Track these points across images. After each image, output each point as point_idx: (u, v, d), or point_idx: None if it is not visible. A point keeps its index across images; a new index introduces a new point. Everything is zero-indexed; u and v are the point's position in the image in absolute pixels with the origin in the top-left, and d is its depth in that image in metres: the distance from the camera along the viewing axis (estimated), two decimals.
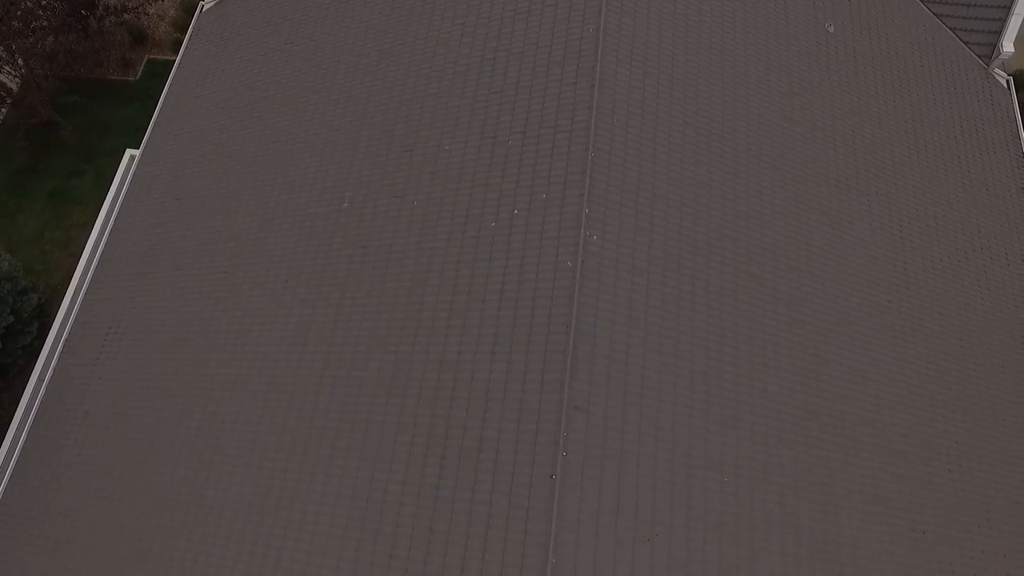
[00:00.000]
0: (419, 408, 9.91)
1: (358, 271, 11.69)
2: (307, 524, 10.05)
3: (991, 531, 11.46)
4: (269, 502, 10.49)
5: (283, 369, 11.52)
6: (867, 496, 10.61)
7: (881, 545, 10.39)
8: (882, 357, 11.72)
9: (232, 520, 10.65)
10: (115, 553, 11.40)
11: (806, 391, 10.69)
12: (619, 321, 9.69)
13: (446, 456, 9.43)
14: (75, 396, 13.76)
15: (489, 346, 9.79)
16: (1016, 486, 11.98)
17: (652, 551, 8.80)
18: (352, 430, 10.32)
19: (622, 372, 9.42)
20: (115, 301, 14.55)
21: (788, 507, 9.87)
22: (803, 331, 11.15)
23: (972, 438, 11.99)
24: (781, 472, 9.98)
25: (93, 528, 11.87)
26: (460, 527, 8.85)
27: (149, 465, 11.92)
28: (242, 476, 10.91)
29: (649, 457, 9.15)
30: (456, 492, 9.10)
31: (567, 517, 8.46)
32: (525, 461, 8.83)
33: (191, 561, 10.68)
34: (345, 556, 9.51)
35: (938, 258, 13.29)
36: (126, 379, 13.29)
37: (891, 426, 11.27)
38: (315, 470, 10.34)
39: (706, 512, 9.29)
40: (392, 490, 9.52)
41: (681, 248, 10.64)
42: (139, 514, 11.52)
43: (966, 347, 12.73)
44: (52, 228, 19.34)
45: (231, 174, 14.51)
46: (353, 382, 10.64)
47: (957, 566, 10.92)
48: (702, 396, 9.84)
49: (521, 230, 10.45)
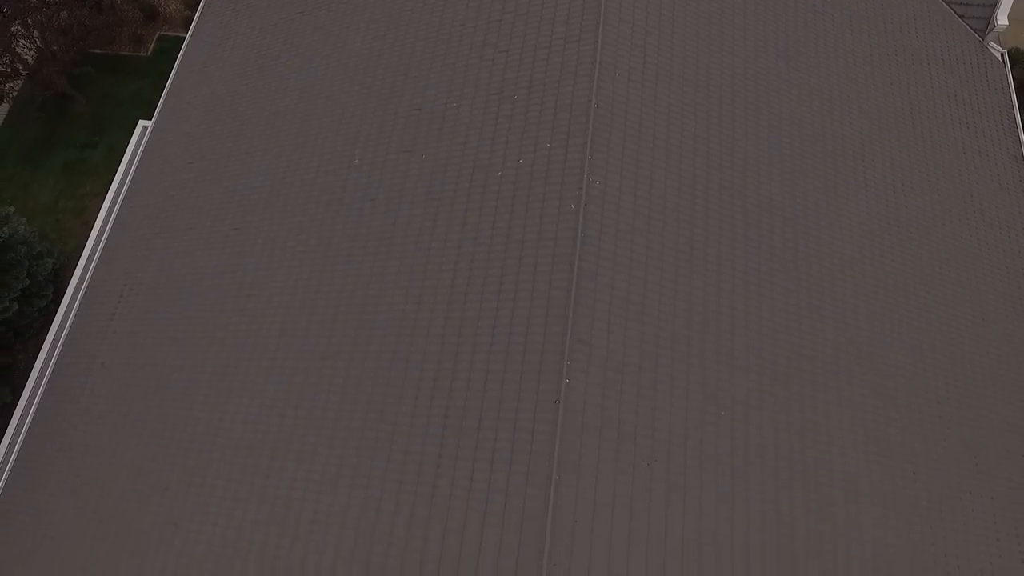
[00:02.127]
0: (428, 345, 10.31)
1: (368, 222, 12.09)
2: (319, 458, 10.45)
3: (979, 475, 11.84)
4: (281, 439, 10.89)
5: (295, 316, 11.92)
6: (858, 435, 11.00)
7: (872, 482, 10.77)
8: (874, 308, 12.10)
9: (246, 456, 11.05)
10: (133, 491, 11.79)
11: (800, 335, 11.07)
12: (621, 261, 10.09)
13: (454, 389, 9.83)
14: (91, 350, 14.16)
15: (496, 284, 10.19)
16: (1004, 434, 12.35)
17: (651, 476, 9.19)
18: (363, 369, 10.72)
19: (623, 309, 9.81)
20: (130, 261, 14.95)
21: (782, 441, 10.26)
22: (798, 280, 11.53)
23: (962, 388, 12.36)
24: (775, 408, 10.37)
25: (111, 469, 12.27)
26: (467, 451, 9.24)
27: (165, 409, 12.32)
28: (256, 415, 11.31)
29: (648, 389, 9.55)
30: (464, 422, 9.50)
31: (570, 440, 8.86)
32: (530, 389, 9.22)
33: (206, 495, 11.08)
34: (356, 484, 9.90)
35: (931, 218, 13.67)
36: (141, 332, 13.69)
37: (882, 372, 11.65)
38: (327, 407, 10.74)
39: (702, 443, 9.68)
40: (401, 422, 9.92)
41: (680, 196, 11.03)
42: (156, 453, 11.92)
43: (958, 303, 13.10)
44: (66, 197, 19.76)
45: (243, 137, 14.92)
46: (364, 324, 11.04)
47: (945, 505, 11.30)
48: (699, 335, 10.23)
49: (526, 177, 10.85)
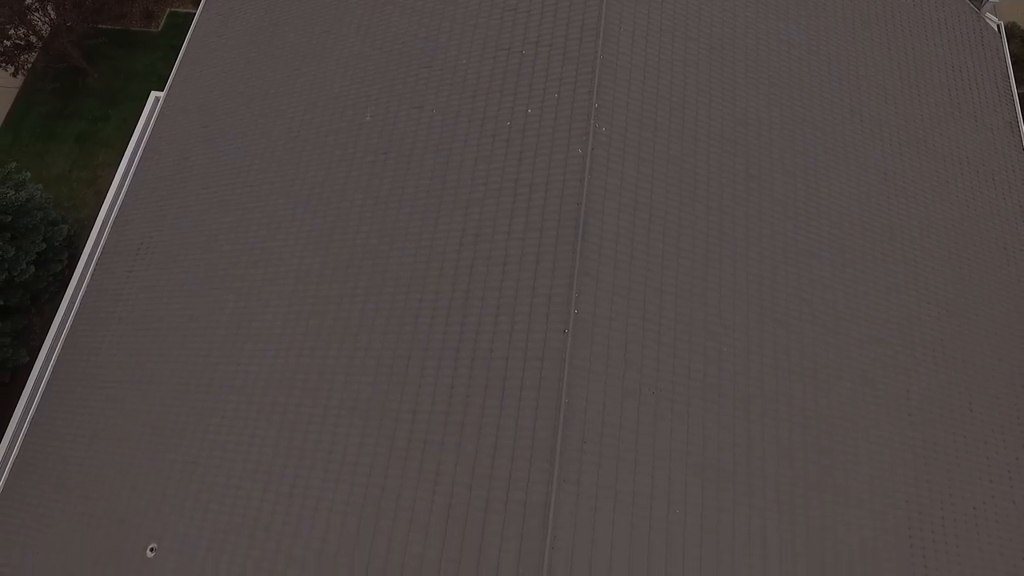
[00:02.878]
0: (440, 285, 10.68)
1: (380, 174, 12.46)
2: (334, 396, 10.83)
3: (973, 420, 12.20)
4: (298, 378, 11.27)
5: (309, 265, 12.29)
6: (856, 377, 11.37)
7: (869, 421, 11.14)
8: (870, 257, 12.47)
9: (262, 398, 11.43)
10: (152, 435, 12.16)
11: (798, 278, 11.44)
12: (625, 203, 10.46)
13: (466, 324, 10.20)
14: (109, 306, 14.53)
15: (505, 226, 10.56)
16: (996, 382, 12.70)
17: (656, 402, 9.56)
18: (377, 311, 11.09)
19: (628, 246, 10.19)
20: (145, 222, 15.31)
21: (781, 379, 10.63)
22: (796, 227, 11.90)
23: (955, 337, 12.72)
24: (775, 347, 10.74)
25: (129, 415, 12.63)
26: (479, 380, 9.62)
27: (182, 357, 12.69)
28: (272, 359, 11.68)
29: (653, 321, 9.92)
30: (475, 353, 9.87)
31: (579, 365, 9.23)
32: (539, 319, 9.59)
33: (224, 435, 11.45)
34: (371, 415, 10.27)
35: (927, 175, 14.03)
36: (158, 287, 14.06)
37: (877, 319, 12.01)
38: (341, 348, 11.11)
39: (705, 375, 10.06)
40: (415, 356, 10.29)
41: (683, 144, 11.40)
42: (174, 399, 12.29)
43: (952, 255, 13.47)
44: (79, 168, 20.14)
45: (256, 99, 15.29)
46: (378, 269, 11.41)
47: (940, 446, 11.66)
48: (701, 275, 10.60)
49: (535, 125, 11.22)
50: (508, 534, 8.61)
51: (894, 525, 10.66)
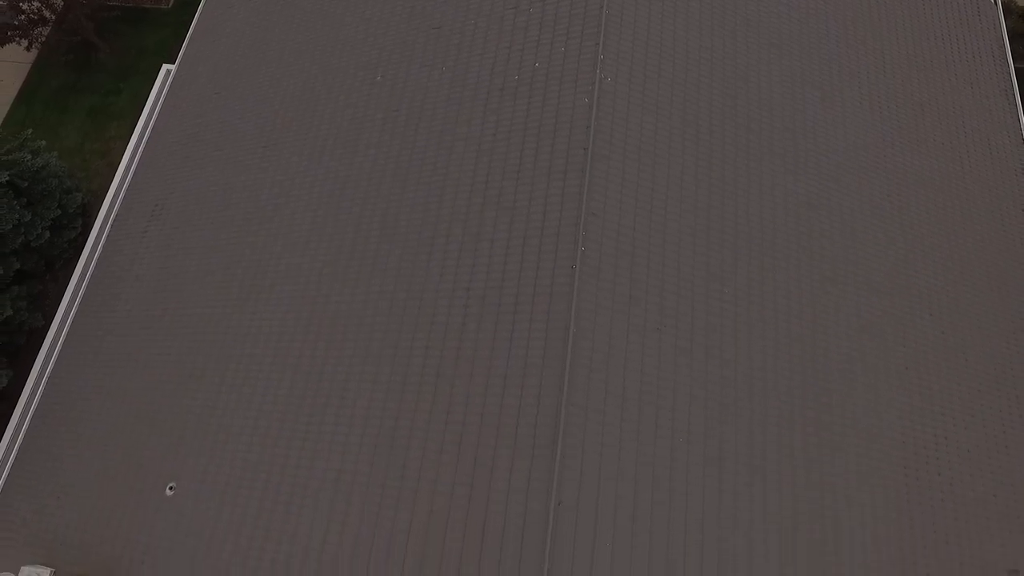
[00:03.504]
0: (452, 226, 11.04)
1: (391, 130, 12.82)
2: (348, 338, 11.18)
3: (967, 369, 12.54)
4: (312, 325, 11.61)
5: (323, 218, 12.64)
6: (853, 323, 11.72)
7: (866, 366, 11.48)
8: (867, 211, 12.80)
9: (277, 343, 11.78)
10: (169, 383, 12.50)
11: (797, 227, 11.79)
12: (630, 149, 10.81)
13: (476, 264, 10.55)
14: (124, 264, 14.87)
15: (514, 172, 10.92)
16: (991, 335, 13.03)
17: (660, 339, 9.91)
18: (390, 252, 11.45)
19: (633, 189, 10.54)
20: (159, 184, 15.66)
21: (781, 320, 10.98)
22: (795, 180, 12.25)
23: (951, 290, 13.06)
24: (775, 289, 11.09)
25: (146, 367, 12.97)
26: (490, 315, 9.97)
27: (198, 309, 13.03)
28: (287, 306, 12.04)
29: (657, 262, 10.27)
30: (487, 291, 10.23)
31: (585, 299, 9.58)
32: (548, 255, 9.94)
33: (240, 381, 11.80)
34: (383, 355, 10.63)
35: (923, 136, 14.37)
36: (173, 245, 14.41)
37: (875, 268, 12.36)
38: (355, 292, 11.46)
39: (708, 314, 10.40)
40: (427, 295, 10.64)
41: (686, 96, 11.75)
42: (190, 349, 12.63)
43: (947, 213, 13.80)
44: (91, 140, 20.48)
45: (269, 65, 15.64)
46: (390, 212, 11.77)
47: (935, 392, 12.00)
48: (704, 219, 10.96)
49: (542, 77, 11.58)
50: (519, 462, 8.95)
51: (889, 463, 10.99)
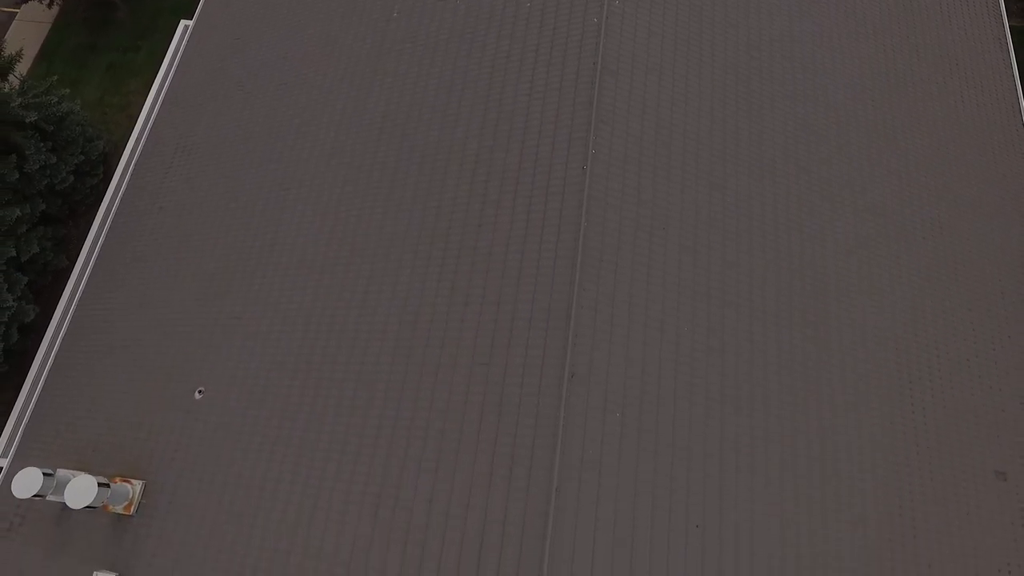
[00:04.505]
0: (466, 144, 11.62)
1: (408, 59, 13.40)
2: (368, 247, 11.76)
3: (959, 288, 13.11)
4: (334, 237, 12.19)
5: (343, 137, 13.23)
6: (851, 238, 12.29)
7: (862, 277, 12.05)
8: (864, 140, 13.38)
9: (302, 254, 12.36)
10: (196, 299, 13.09)
11: (795, 145, 12.37)
12: (638, 65, 11.39)
13: (491, 174, 11.14)
14: (149, 198, 15.46)
15: (527, 88, 11.50)
16: (979, 258, 13.60)
17: (666, 238, 10.49)
18: (407, 171, 12.03)
19: (640, 98, 11.12)
20: (182, 125, 16.24)
21: (781, 228, 11.56)
22: (794, 104, 12.83)
23: (944, 217, 13.63)
24: (775, 201, 11.67)
25: (173, 286, 13.55)
26: (505, 214, 10.55)
27: (223, 231, 13.62)
28: (310, 222, 12.61)
29: (663, 167, 10.85)
30: (501, 193, 10.81)
31: (596, 197, 10.16)
32: (560, 159, 10.53)
33: (266, 291, 12.38)
34: (404, 258, 11.21)
35: (919, 76, 14.94)
36: (196, 178, 14.99)
37: (871, 191, 12.94)
38: (374, 205, 12.05)
39: (711, 217, 10.99)
40: (445, 200, 11.23)
41: (690, 24, 12.33)
42: (217, 266, 13.22)
43: (942, 147, 14.38)
44: (111, 95, 21.09)
45: (289, 12, 16.22)
46: (408, 134, 12.36)
47: (928, 309, 12.57)
48: (707, 132, 11.54)
49: (553, 2, 12.15)
50: (533, 341, 9.53)
51: (882, 370, 11.56)
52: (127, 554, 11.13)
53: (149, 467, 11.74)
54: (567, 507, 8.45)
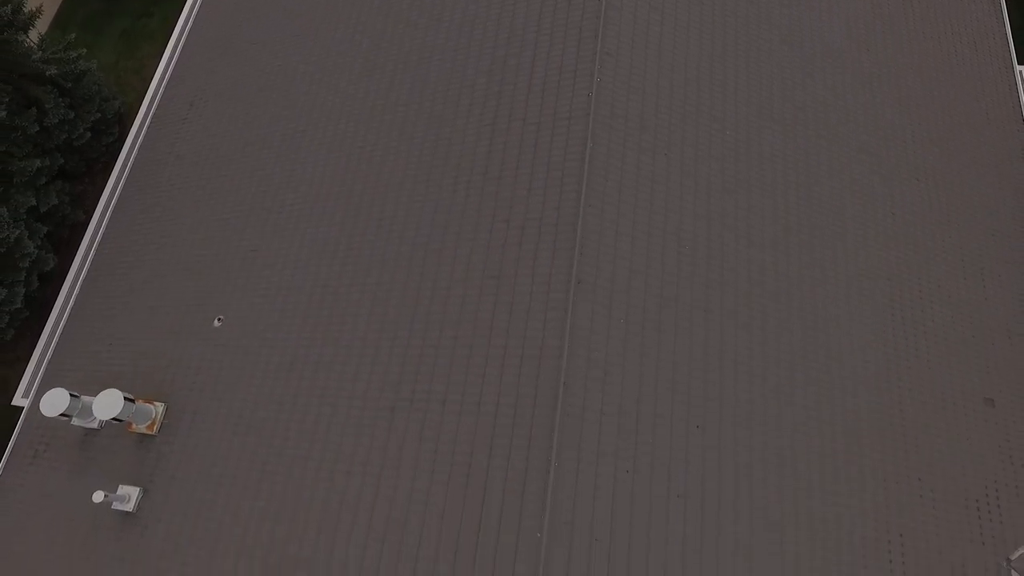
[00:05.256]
0: (476, 76, 12.10)
1: (419, 7, 13.88)
2: (381, 180, 12.23)
3: (949, 231, 13.58)
4: (348, 173, 12.67)
5: (355, 87, 13.71)
6: (844, 175, 12.78)
7: (856, 212, 12.53)
8: (859, 86, 13.86)
9: (318, 188, 12.84)
10: (214, 235, 13.55)
11: (792, 87, 12.85)
12: (641, 3, 11.87)
13: (500, 106, 11.62)
14: (166, 147, 15.93)
15: (535, 23, 11.98)
16: (970, 202, 14.08)
17: (668, 161, 10.98)
18: (419, 108, 12.52)
19: (644, 35, 11.61)
20: (197, 78, 16.72)
21: (778, 163, 12.04)
22: (791, 49, 13.31)
23: (937, 161, 14.11)
24: (772, 139, 12.15)
25: (192, 225, 14.02)
26: (515, 138, 11.03)
27: (239, 173, 14.10)
28: (324, 160, 13.10)
29: (665, 97, 11.34)
30: (511, 119, 11.29)
31: (601, 121, 10.64)
32: (567, 88, 11.01)
33: (283, 225, 12.85)
34: (415, 196, 11.69)
35: (913, 31, 15.42)
36: (212, 127, 15.48)
37: (866, 134, 13.41)
38: (388, 140, 12.53)
39: (711, 147, 11.47)
40: (456, 131, 11.72)
41: None
42: (234, 205, 13.69)
43: (935, 97, 14.86)
44: (126, 58, 21.58)
45: None
46: (420, 76, 12.83)
47: (920, 244, 13.05)
48: (707, 69, 12.02)
49: None
50: (541, 252, 10.01)
51: (877, 296, 12.04)
52: (150, 470, 11.60)
53: (171, 391, 12.21)
54: (574, 401, 8.93)
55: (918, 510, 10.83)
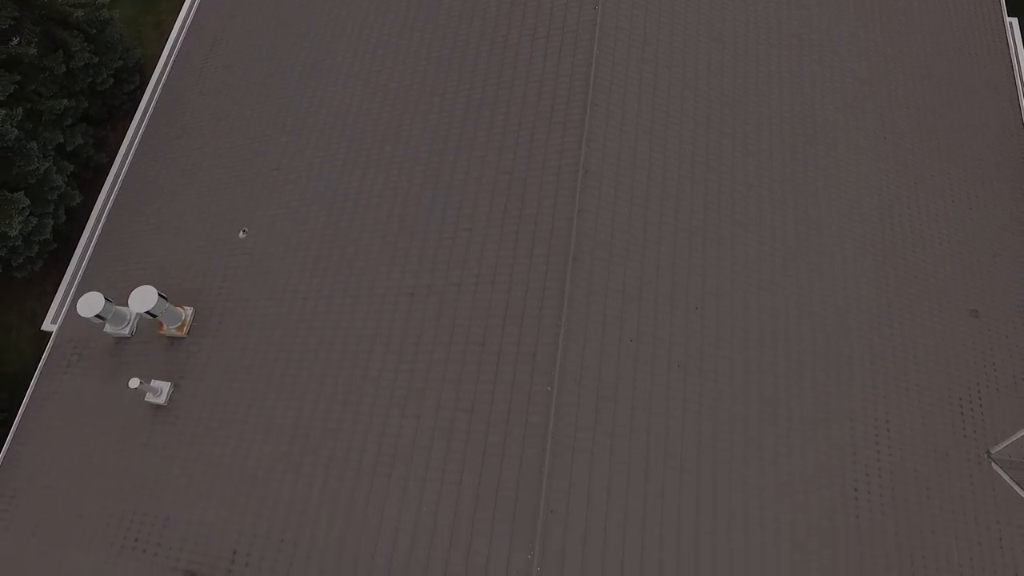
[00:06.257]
0: (488, 3, 12.79)
1: None
2: (399, 95, 12.93)
3: (939, 153, 14.27)
4: (365, 98, 13.37)
5: (372, 21, 14.40)
6: (838, 98, 13.47)
7: (850, 125, 13.22)
8: (852, 16, 14.54)
9: (336, 115, 13.54)
10: (236, 159, 14.25)
11: (789, 20, 13.53)
12: None
13: (511, 23, 12.31)
14: (189, 85, 16.59)
15: None
16: (959, 134, 14.77)
17: (670, 73, 11.66)
18: (434, 33, 13.21)
19: None
20: (219, 20, 17.40)
21: (774, 83, 12.73)
22: None
23: (926, 94, 14.78)
24: (768, 59, 12.84)
25: (215, 153, 14.73)
26: (525, 49, 11.73)
27: (261, 102, 14.80)
28: (342, 87, 13.80)
29: (667, 15, 12.02)
30: (520, 38, 11.99)
31: (607, 32, 11.33)
32: (574, 8, 11.71)
33: (302, 145, 13.55)
34: (432, 107, 12.38)
35: None
36: (234, 64, 16.17)
37: (860, 64, 14.10)
38: (405, 62, 13.24)
39: (709, 62, 12.16)
40: (468, 55, 12.42)
41: None
42: (256, 131, 14.39)
43: (925, 36, 15.54)
44: (145, 14, 22.29)
45: None
46: (434, 3, 13.53)
47: (910, 166, 13.73)
48: None
49: None
50: (551, 143, 10.71)
51: (868, 207, 12.72)
52: (180, 368, 12.30)
53: (199, 298, 12.91)
54: (581, 275, 9.63)
55: (904, 400, 11.51)
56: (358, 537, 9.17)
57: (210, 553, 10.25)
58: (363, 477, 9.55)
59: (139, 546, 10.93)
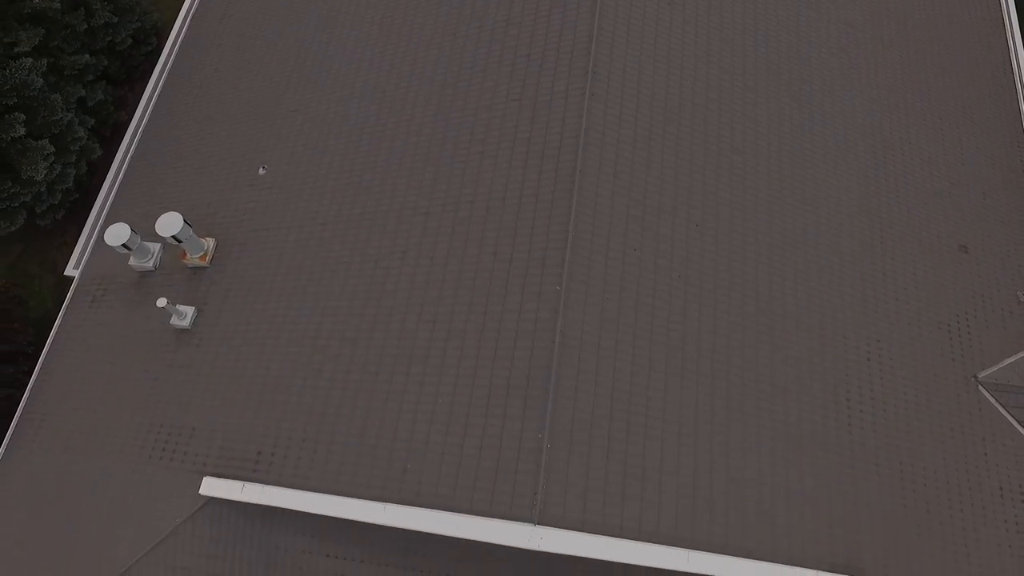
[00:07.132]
0: None
1: None
2: (412, 40, 13.52)
3: (929, 98, 14.82)
4: (381, 38, 13.96)
5: None
6: (832, 47, 14.03)
7: (842, 67, 13.78)
8: None
9: (351, 53, 14.12)
10: (256, 103, 14.84)
11: None
12: None
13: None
14: (208, 39, 17.19)
15: None
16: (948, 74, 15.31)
17: (671, 10, 12.23)
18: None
19: None
20: None
21: (771, 27, 13.29)
22: None
23: (917, 43, 15.34)
24: (765, 5, 13.40)
25: (235, 99, 15.30)
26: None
27: (280, 50, 15.39)
28: (355, 42, 14.38)
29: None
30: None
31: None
32: None
33: (319, 91, 14.13)
34: (443, 48, 12.96)
35: None
36: (252, 18, 16.75)
37: (853, 10, 14.66)
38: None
39: (709, 5, 12.73)
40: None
41: None
42: (274, 78, 14.98)
43: None
44: None
45: None
46: None
47: (900, 106, 14.29)
48: None
49: None
50: (559, 72, 11.28)
51: (859, 146, 13.29)
52: (204, 295, 12.89)
53: (220, 230, 13.49)
54: (588, 187, 10.20)
55: (895, 322, 12.07)
56: (378, 428, 9.75)
57: (235, 456, 10.83)
58: (382, 377, 10.13)
59: (166, 455, 11.52)
